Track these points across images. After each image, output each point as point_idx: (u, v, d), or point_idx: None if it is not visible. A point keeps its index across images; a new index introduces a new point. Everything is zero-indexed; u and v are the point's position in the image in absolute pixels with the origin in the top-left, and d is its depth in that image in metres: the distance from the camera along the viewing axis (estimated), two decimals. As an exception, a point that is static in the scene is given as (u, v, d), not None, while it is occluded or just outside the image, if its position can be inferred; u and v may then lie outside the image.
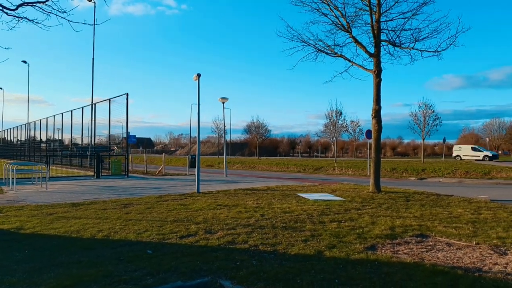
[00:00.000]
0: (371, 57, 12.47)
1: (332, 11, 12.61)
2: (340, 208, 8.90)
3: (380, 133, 12.50)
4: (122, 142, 23.86)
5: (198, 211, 8.43)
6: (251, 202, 9.87)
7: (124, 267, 4.48)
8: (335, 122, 42.31)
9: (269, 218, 7.52)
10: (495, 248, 5.37)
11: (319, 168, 29.20)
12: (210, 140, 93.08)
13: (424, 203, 9.79)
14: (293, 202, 9.78)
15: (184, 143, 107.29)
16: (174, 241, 5.78)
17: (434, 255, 5.09)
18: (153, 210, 8.66)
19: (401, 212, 8.41)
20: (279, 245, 5.46)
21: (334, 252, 5.11)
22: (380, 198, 10.66)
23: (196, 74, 12.99)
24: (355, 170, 26.69)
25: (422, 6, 11.96)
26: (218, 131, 63.72)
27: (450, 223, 7.10)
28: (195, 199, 10.53)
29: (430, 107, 36.65)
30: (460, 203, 9.81)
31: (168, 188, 13.98)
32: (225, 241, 5.72)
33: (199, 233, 6.23)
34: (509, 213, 8.14)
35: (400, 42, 12.49)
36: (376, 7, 12.14)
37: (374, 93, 12.39)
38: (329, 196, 11.10)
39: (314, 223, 7.04)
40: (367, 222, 7.22)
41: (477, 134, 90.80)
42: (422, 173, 23.80)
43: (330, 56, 13.20)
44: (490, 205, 9.50)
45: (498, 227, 6.78)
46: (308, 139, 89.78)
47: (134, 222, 7.21)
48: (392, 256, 4.96)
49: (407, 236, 6.13)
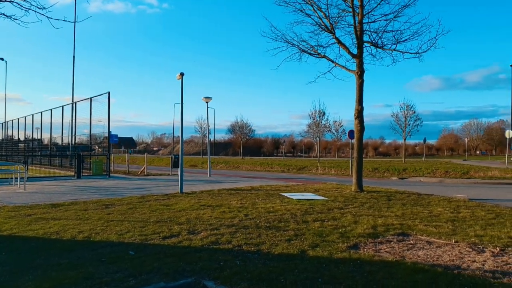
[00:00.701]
0: (353, 58, 12.61)
1: (315, 12, 12.72)
2: (323, 207, 8.97)
3: (362, 133, 12.66)
4: (103, 141, 23.47)
5: (181, 212, 8.36)
6: (235, 202, 9.85)
7: (106, 268, 4.41)
8: (318, 122, 42.71)
9: (253, 218, 7.51)
10: (473, 246, 5.50)
11: (302, 168, 29.37)
12: (193, 139, 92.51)
13: (405, 202, 9.96)
14: (277, 202, 9.80)
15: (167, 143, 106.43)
16: (156, 242, 5.71)
17: (415, 253, 5.18)
18: (136, 210, 8.55)
19: (383, 211, 8.53)
20: (263, 245, 5.46)
21: (317, 251, 5.14)
22: (362, 197, 10.79)
23: (179, 73, 12.88)
24: (338, 170, 26.95)
25: (404, 9, 12.18)
26: (201, 131, 63.44)
27: (430, 222, 7.24)
28: (178, 200, 10.44)
29: (411, 108, 37.39)
30: (440, 202, 10.02)
31: (150, 188, 13.82)
32: (208, 241, 5.68)
33: (182, 234, 6.18)
34: (487, 212, 8.35)
35: (382, 43, 12.68)
36: (359, 9, 12.27)
37: (356, 93, 12.53)
38: (312, 196, 11.17)
39: (297, 223, 7.07)
40: (350, 221, 7.29)
41: (456, 135, 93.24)
42: (403, 172, 24.22)
43: (314, 57, 13.31)
44: (469, 204, 9.72)
45: (476, 225, 6.95)
46: (292, 139, 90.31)
47: (116, 223, 7.09)
48: (374, 255, 5.02)
49: (389, 235, 6.21)
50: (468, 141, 75.01)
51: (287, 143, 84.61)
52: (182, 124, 13.19)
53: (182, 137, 13.72)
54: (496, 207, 9.23)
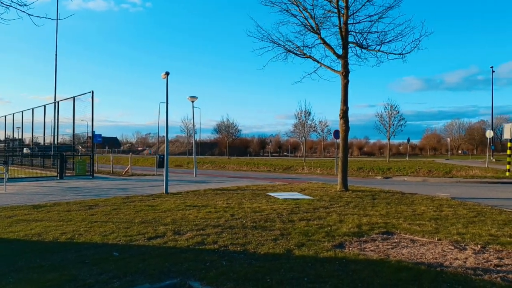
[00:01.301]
0: (339, 58, 12.70)
1: (301, 12, 12.77)
2: (309, 207, 9.02)
3: (347, 133, 12.77)
4: (87, 141, 23.11)
5: (166, 212, 8.29)
6: (221, 202, 9.82)
7: (89, 270, 4.34)
8: (304, 122, 42.88)
9: (239, 218, 7.50)
10: (455, 244, 5.60)
11: (288, 168, 29.48)
12: (179, 139, 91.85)
13: (390, 201, 10.09)
14: (263, 202, 9.81)
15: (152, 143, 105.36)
16: (141, 242, 5.65)
17: (399, 251, 5.25)
18: (120, 211, 8.44)
19: (367, 210, 8.62)
20: (249, 245, 5.46)
21: (303, 251, 5.16)
22: (347, 196, 10.89)
23: (164, 72, 12.78)
24: (324, 169, 27.14)
25: (388, 10, 12.33)
26: (187, 131, 62.89)
27: (414, 221, 7.35)
28: (164, 200, 10.35)
29: (395, 108, 37.81)
30: (423, 201, 10.18)
31: (135, 189, 13.67)
32: (194, 242, 5.65)
33: (167, 234, 6.12)
34: (468, 210, 8.53)
35: (367, 44, 12.81)
36: (344, 10, 12.37)
37: (341, 94, 12.63)
38: (298, 195, 11.22)
39: (283, 222, 7.09)
40: (335, 220, 7.35)
41: (439, 135, 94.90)
42: (388, 172, 24.54)
43: (299, 57, 13.36)
44: (451, 202, 9.91)
45: (458, 223, 7.09)
46: (278, 138, 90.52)
47: (99, 224, 6.99)
48: (359, 254, 5.07)
49: (374, 234, 6.28)
50: (450, 141, 76.46)
51: (274, 143, 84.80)
52: (167, 123, 13.08)
53: (167, 137, 13.61)
54: (477, 205, 9.43)
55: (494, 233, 6.21)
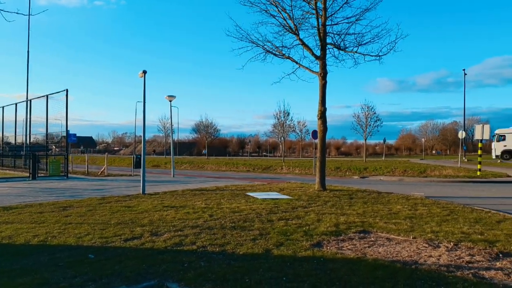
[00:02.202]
0: (317, 59, 12.82)
1: (280, 13, 12.81)
2: (288, 206, 9.06)
3: (325, 133, 12.91)
4: (61, 141, 22.49)
5: (143, 213, 8.16)
6: (200, 202, 9.74)
7: (63, 273, 4.22)
8: (283, 122, 43.08)
9: (218, 219, 7.46)
10: (429, 242, 5.75)
11: (268, 168, 29.55)
12: (156, 139, 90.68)
13: (366, 200, 10.26)
14: (242, 202, 9.80)
15: (129, 143, 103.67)
16: (118, 244, 5.54)
17: (375, 250, 5.34)
18: (95, 212, 8.25)
19: (345, 209, 8.73)
20: (228, 245, 5.44)
21: (281, 250, 5.18)
22: (325, 196, 11.00)
23: (141, 71, 12.58)
24: (302, 169, 27.35)
25: (365, 12, 12.52)
26: (165, 130, 62.18)
27: (390, 219, 7.49)
28: (141, 201, 10.19)
29: (371, 109, 38.56)
30: (399, 200, 10.40)
31: (111, 189, 13.40)
32: (172, 243, 5.58)
33: (144, 236, 6.03)
34: (442, 209, 8.77)
35: (345, 46, 12.97)
36: (322, 11, 12.49)
37: (320, 95, 12.75)
38: (277, 195, 11.26)
39: (262, 222, 7.10)
40: (313, 219, 7.41)
41: (414, 135, 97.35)
42: (364, 171, 24.95)
43: (278, 58, 13.39)
44: (425, 201, 10.16)
45: (432, 221, 7.28)
46: (257, 138, 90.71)
47: (74, 225, 6.81)
48: (337, 252, 5.13)
49: (351, 233, 6.37)
50: (424, 141, 78.53)
51: (253, 143, 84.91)
52: (144, 123, 12.89)
53: (144, 137, 13.41)
54: (450, 204, 9.71)
55: (466, 231, 6.41)
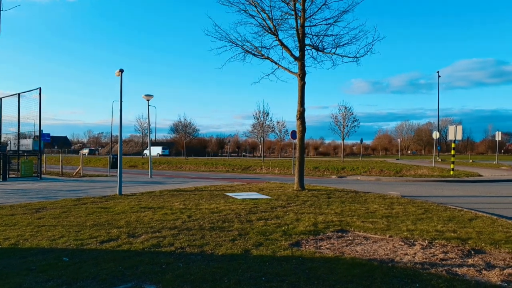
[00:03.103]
0: (296, 60, 12.91)
1: (259, 13, 12.83)
2: (267, 206, 9.08)
3: (304, 133, 13.01)
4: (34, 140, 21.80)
5: (120, 214, 8.01)
6: (178, 203, 9.64)
7: (35, 277, 4.08)
8: (263, 122, 43.18)
9: (196, 219, 7.40)
10: (405, 240, 5.88)
11: (247, 168, 29.55)
12: (133, 139, 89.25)
13: (344, 199, 10.40)
14: (221, 202, 9.75)
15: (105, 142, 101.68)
16: (93, 246, 5.41)
17: (353, 248, 5.41)
18: (70, 214, 8.04)
19: (323, 208, 8.82)
20: (207, 246, 5.40)
21: (261, 250, 5.18)
22: (304, 195, 11.09)
23: (118, 69, 12.35)
24: (281, 169, 27.49)
25: (343, 14, 12.69)
26: (142, 130, 61.05)
27: (367, 218, 7.62)
28: (117, 202, 10.00)
29: (349, 110, 39.13)
30: (375, 199, 10.59)
31: (87, 190, 13.09)
32: (149, 244, 5.50)
33: (121, 237, 5.91)
34: (417, 208, 8.98)
35: (323, 47, 13.11)
36: (301, 12, 12.59)
37: (298, 95, 12.85)
38: (256, 195, 11.27)
39: (242, 222, 7.08)
40: (292, 219, 7.45)
41: (390, 136, 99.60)
42: (342, 171, 25.30)
43: (258, 58, 13.41)
44: (401, 200, 10.39)
45: (408, 220, 7.44)
46: (236, 139, 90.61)
47: (47, 228, 6.61)
48: (315, 252, 5.17)
49: (329, 232, 6.44)
50: (400, 141, 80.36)
51: (232, 143, 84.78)
52: (121, 122, 12.65)
53: (121, 136, 13.17)
54: (425, 203, 9.95)
55: (440, 229, 6.58)
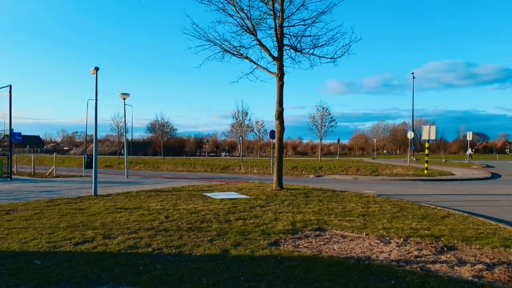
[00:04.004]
0: (274, 60, 12.95)
1: (238, 13, 12.80)
2: (246, 206, 9.07)
3: (282, 133, 13.08)
4: (3, 140, 21.08)
5: (95, 215, 7.83)
6: (155, 204, 9.51)
7: (5, 282, 3.94)
8: (241, 122, 43.10)
9: (174, 220, 7.32)
10: (381, 238, 5.99)
11: (226, 167, 29.46)
12: (109, 138, 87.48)
13: (322, 198, 10.51)
14: (200, 202, 9.68)
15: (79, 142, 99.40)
16: (67, 249, 5.27)
17: (330, 247, 5.48)
18: (43, 215, 7.80)
19: (301, 207, 8.89)
20: (185, 247, 5.34)
21: (239, 250, 5.17)
22: (282, 195, 11.14)
23: (93, 67, 12.07)
24: (260, 169, 27.54)
25: (321, 15, 12.81)
26: (118, 129, 59.85)
27: (344, 217, 7.72)
28: (92, 203, 9.77)
29: (326, 110, 39.63)
30: (352, 198, 10.75)
31: (60, 191, 12.74)
32: (126, 245, 5.39)
33: (96, 239, 5.78)
34: (393, 206, 9.17)
35: (301, 47, 13.20)
36: (279, 13, 12.63)
37: (277, 95, 12.90)
38: (235, 195, 11.24)
39: (220, 222, 7.05)
40: (271, 218, 7.47)
41: (366, 135, 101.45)
42: (320, 170, 25.57)
43: (236, 57, 13.38)
44: (377, 199, 10.58)
45: (384, 218, 7.59)
46: (215, 138, 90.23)
47: (18, 230, 6.39)
48: (293, 250, 5.20)
49: (307, 230, 6.49)
50: (376, 141, 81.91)
51: (211, 143, 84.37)
52: (96, 122, 12.36)
53: (96, 136, 12.87)
54: (400, 201, 10.18)
55: (414, 227, 6.74)
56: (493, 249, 5.30)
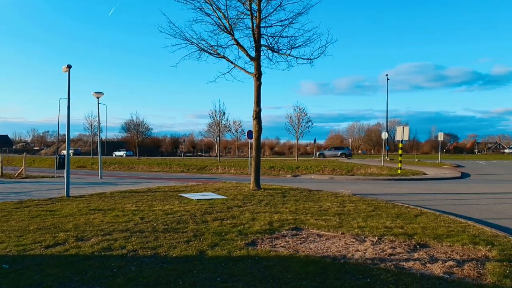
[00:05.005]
0: (252, 60, 12.94)
1: (215, 12, 12.71)
2: (223, 206, 9.03)
3: (260, 133, 13.09)
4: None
5: (67, 217, 7.61)
6: (130, 205, 9.33)
7: (-29, 288, 3.77)
8: (219, 122, 42.87)
9: (149, 221, 7.20)
10: (356, 237, 6.08)
11: (203, 168, 29.25)
12: (82, 138, 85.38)
13: (299, 198, 10.59)
14: (176, 203, 9.57)
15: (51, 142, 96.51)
16: (38, 252, 5.09)
17: (307, 246, 5.52)
18: (11, 218, 7.52)
19: (278, 207, 8.93)
20: (161, 248, 5.26)
21: (216, 251, 5.14)
22: (260, 195, 11.16)
23: (66, 65, 11.74)
24: (238, 169, 27.49)
25: (298, 16, 12.89)
26: (91, 129, 58.40)
27: (320, 216, 7.80)
28: (64, 204, 9.50)
29: (303, 110, 39.98)
30: (328, 197, 10.87)
31: (30, 192, 12.32)
32: (100, 247, 5.27)
33: (69, 241, 5.62)
34: (367, 205, 9.33)
35: (278, 48, 13.25)
36: (256, 13, 12.63)
37: (255, 95, 12.90)
38: (212, 195, 11.17)
39: (197, 223, 6.99)
40: (248, 218, 7.47)
41: (342, 136, 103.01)
42: (297, 170, 25.77)
43: (214, 57, 13.28)
44: (352, 198, 10.75)
45: (359, 217, 7.71)
46: (192, 138, 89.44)
47: (-15, 233, 6.14)
48: (270, 250, 5.21)
49: (284, 230, 6.52)
50: (352, 141, 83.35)
51: (187, 143, 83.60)
52: (68, 121, 12.02)
53: (68, 135, 12.53)
54: (375, 200, 10.38)
55: (388, 225, 6.89)
56: (463, 246, 5.48)
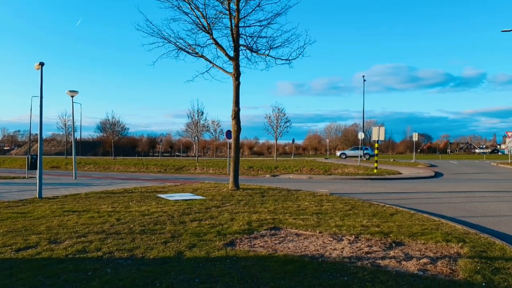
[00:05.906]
0: (230, 60, 12.90)
1: (193, 11, 12.61)
2: (201, 207, 8.97)
3: (239, 133, 13.07)
4: None
5: (40, 219, 7.37)
6: (105, 206, 9.13)
7: None
8: (197, 121, 42.63)
9: (126, 222, 7.07)
10: (334, 236, 6.15)
11: (180, 168, 28.96)
12: (55, 138, 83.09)
13: (277, 198, 10.63)
14: (153, 204, 9.43)
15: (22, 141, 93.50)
16: (8, 255, 4.91)
17: (285, 245, 5.54)
18: (-20, 221, 7.22)
19: (257, 207, 8.93)
20: (137, 250, 5.17)
21: (194, 252, 5.09)
22: (239, 195, 11.14)
23: (38, 62, 11.38)
24: (216, 169, 27.36)
25: (276, 17, 12.94)
26: (65, 128, 56.96)
27: (298, 215, 7.85)
28: (37, 206, 9.21)
29: (282, 111, 40.29)
30: (306, 197, 10.96)
31: (0, 194, 11.88)
32: (74, 250, 5.13)
33: (41, 244, 5.44)
34: (344, 204, 9.46)
35: (257, 48, 13.26)
36: (235, 12, 12.60)
37: (233, 95, 12.87)
38: (190, 196, 11.08)
39: (174, 224, 6.91)
40: (227, 219, 7.44)
41: (319, 136, 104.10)
42: (275, 170, 25.87)
43: (192, 56, 13.17)
44: (330, 197, 10.88)
45: (336, 216, 7.80)
46: (169, 138, 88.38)
47: (-49, 237, 5.87)
48: (249, 250, 5.20)
49: (263, 230, 6.53)
50: (329, 141, 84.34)
51: (165, 143, 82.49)
52: (41, 120, 11.65)
53: (41, 135, 12.14)
54: (352, 199, 10.53)
55: (365, 224, 7.00)
56: (436, 244, 5.63)
